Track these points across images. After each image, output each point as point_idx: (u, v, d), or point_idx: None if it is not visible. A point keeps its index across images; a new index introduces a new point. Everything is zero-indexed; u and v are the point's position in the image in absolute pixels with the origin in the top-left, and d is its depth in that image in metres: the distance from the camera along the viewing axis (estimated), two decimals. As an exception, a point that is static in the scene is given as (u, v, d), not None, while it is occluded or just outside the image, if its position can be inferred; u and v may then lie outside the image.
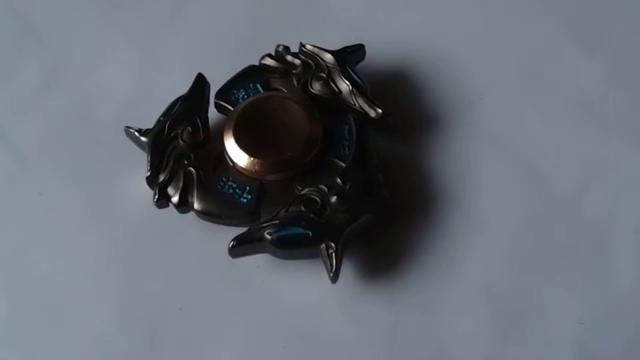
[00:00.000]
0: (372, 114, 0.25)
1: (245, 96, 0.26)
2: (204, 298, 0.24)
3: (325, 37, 0.27)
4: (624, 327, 0.23)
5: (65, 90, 0.28)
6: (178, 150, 0.25)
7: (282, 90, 0.26)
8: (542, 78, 0.28)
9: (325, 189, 0.24)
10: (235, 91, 0.26)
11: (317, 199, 0.24)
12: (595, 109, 0.27)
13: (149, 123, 0.25)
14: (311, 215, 0.23)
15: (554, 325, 0.23)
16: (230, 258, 0.23)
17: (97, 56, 0.29)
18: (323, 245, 0.23)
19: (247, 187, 0.24)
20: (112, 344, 0.24)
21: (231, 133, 0.24)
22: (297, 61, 0.26)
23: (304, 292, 0.24)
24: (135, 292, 0.24)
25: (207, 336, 0.24)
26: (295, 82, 0.26)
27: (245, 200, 0.24)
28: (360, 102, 0.26)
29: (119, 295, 0.24)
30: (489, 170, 0.26)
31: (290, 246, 0.23)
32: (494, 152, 0.26)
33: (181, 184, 0.24)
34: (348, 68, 0.26)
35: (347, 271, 0.24)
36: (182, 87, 0.26)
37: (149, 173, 0.24)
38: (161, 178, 0.24)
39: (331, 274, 0.23)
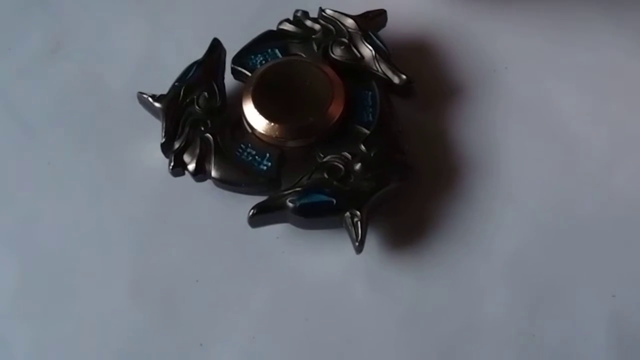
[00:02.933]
0: (396, 80, 0.25)
1: (263, 61, 0.25)
2: (221, 270, 0.23)
3: (345, 1, 0.26)
4: (657, 299, 0.23)
5: (73, 57, 0.27)
6: (194, 116, 0.24)
7: (301, 56, 0.25)
8: (569, 46, 0.27)
9: (348, 156, 0.23)
10: (252, 56, 0.25)
11: (340, 166, 0.23)
12: (625, 81, 0.26)
13: (161, 90, 0.24)
14: (335, 183, 0.22)
15: (586, 298, 0.23)
16: (249, 228, 0.23)
17: (107, 21, 0.28)
18: (347, 213, 0.22)
19: (267, 154, 0.23)
20: (126, 317, 0.23)
21: (250, 97, 0.23)
22: (316, 26, 0.26)
23: (326, 263, 0.23)
24: (149, 264, 0.23)
25: (225, 309, 0.23)
26: (315, 48, 0.25)
27: (265, 168, 0.23)
28: (383, 68, 0.25)
29: (133, 267, 0.23)
30: (514, 140, 0.25)
31: (313, 214, 0.22)
32: (520, 122, 0.25)
33: (198, 151, 0.23)
34: (370, 33, 0.25)
35: (371, 242, 0.23)
36: (196, 53, 0.25)
37: (163, 140, 0.23)
38: (176, 145, 0.23)
39: (356, 244, 0.22)
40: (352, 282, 0.23)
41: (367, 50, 0.25)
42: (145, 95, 0.24)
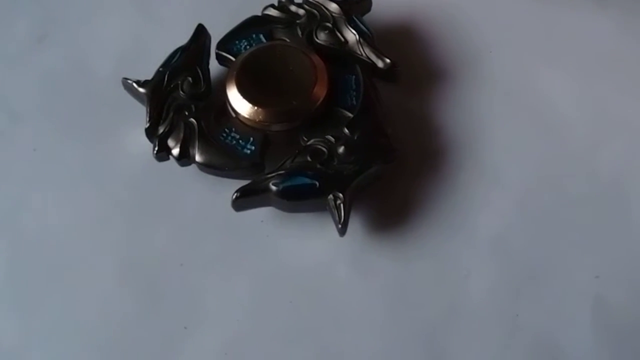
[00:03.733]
0: (380, 64, 0.25)
1: (248, 47, 0.25)
2: (206, 254, 0.23)
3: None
4: (639, 279, 0.23)
5: (59, 44, 0.27)
6: (178, 101, 0.24)
7: (286, 41, 0.25)
8: (554, 30, 0.27)
9: (332, 139, 0.23)
10: (237, 42, 0.25)
11: (324, 149, 0.23)
12: (610, 62, 0.26)
13: (147, 76, 0.24)
14: (318, 166, 0.22)
15: (569, 279, 0.23)
16: (234, 212, 0.23)
17: (92, 7, 0.28)
18: (330, 196, 0.22)
19: (251, 138, 0.23)
20: (112, 301, 0.23)
21: (234, 82, 0.23)
22: (301, 11, 0.26)
23: (310, 246, 0.23)
24: (135, 248, 0.23)
25: (210, 293, 0.23)
26: (299, 33, 0.25)
27: (249, 152, 0.23)
28: (367, 52, 0.25)
29: (118, 252, 0.23)
30: (499, 124, 0.25)
31: (296, 197, 0.22)
32: (505, 105, 0.25)
33: (182, 135, 0.23)
34: (354, 17, 0.25)
35: (355, 225, 0.23)
36: (182, 39, 0.25)
37: (148, 125, 0.24)
38: (161, 130, 0.23)
39: (339, 226, 0.22)
40: (337, 264, 0.23)
41: (351, 35, 0.25)
42: (129, 81, 0.24)
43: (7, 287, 0.23)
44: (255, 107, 0.23)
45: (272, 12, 0.26)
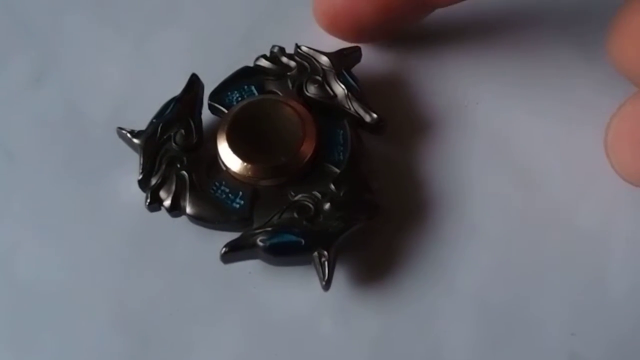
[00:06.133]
0: (367, 118, 0.25)
1: (240, 98, 0.25)
2: (194, 304, 0.24)
3: (322, 38, 0.27)
4: (615, 338, 0.23)
5: (55, 87, 0.28)
6: (171, 153, 0.24)
7: (277, 93, 0.26)
8: (540, 82, 0.27)
9: (318, 195, 0.24)
10: (229, 93, 0.26)
11: (310, 205, 0.24)
12: (594, 115, 0.27)
13: (141, 123, 0.25)
14: (304, 223, 0.23)
15: (546, 335, 0.23)
16: (222, 264, 0.23)
17: (89, 52, 0.28)
18: (315, 253, 0.23)
19: (240, 192, 0.24)
20: (100, 348, 0.23)
21: (225, 137, 0.24)
22: (292, 63, 0.26)
23: (296, 299, 0.24)
24: (124, 297, 0.24)
25: (197, 343, 0.24)
26: (290, 85, 0.26)
27: (237, 206, 0.24)
28: (355, 107, 0.25)
29: (107, 300, 0.24)
30: (483, 176, 0.26)
31: (282, 253, 0.23)
32: (490, 158, 0.26)
33: (174, 187, 0.24)
34: (344, 71, 0.26)
35: (340, 278, 0.24)
36: (176, 86, 0.26)
37: (141, 176, 0.24)
38: (153, 181, 0.24)
39: (323, 283, 0.23)
40: (321, 317, 0.24)
41: (339, 89, 0.25)
42: (124, 131, 0.25)
43: (-1, 330, 0.24)
44: (245, 163, 0.24)
45: (264, 62, 0.26)
